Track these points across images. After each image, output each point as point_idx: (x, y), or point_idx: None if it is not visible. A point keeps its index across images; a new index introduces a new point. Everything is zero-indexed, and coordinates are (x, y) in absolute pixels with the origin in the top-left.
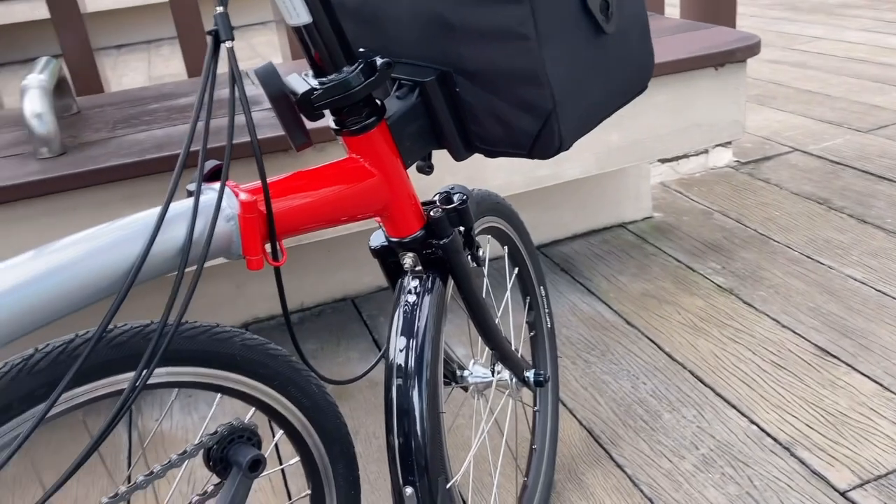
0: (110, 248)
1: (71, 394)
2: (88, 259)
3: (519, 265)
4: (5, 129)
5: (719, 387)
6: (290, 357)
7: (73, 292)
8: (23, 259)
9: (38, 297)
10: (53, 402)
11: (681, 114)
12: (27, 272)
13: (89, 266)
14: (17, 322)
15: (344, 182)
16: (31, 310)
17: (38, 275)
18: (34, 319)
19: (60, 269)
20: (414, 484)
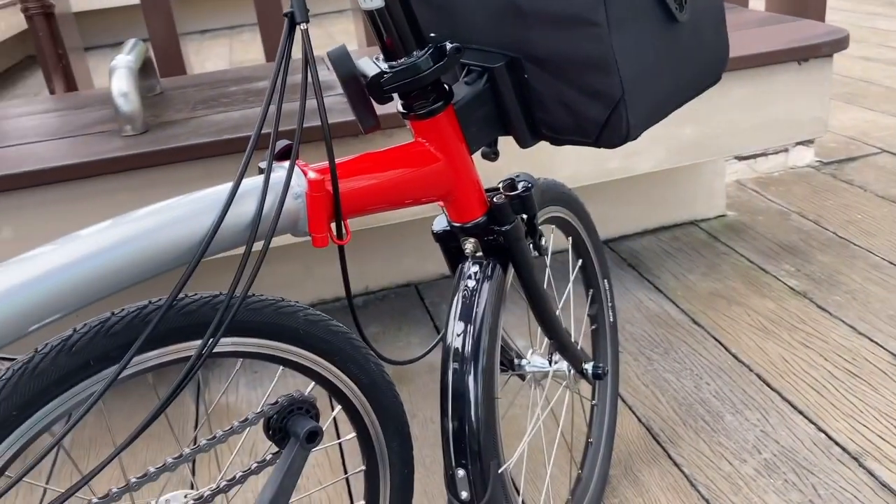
0: (183, 220)
1: (142, 357)
2: (162, 230)
3: (583, 257)
4: (94, 107)
5: (787, 392)
6: (351, 334)
7: (147, 261)
8: (101, 227)
9: (115, 263)
10: (126, 364)
11: (760, 109)
12: (105, 240)
13: (163, 236)
14: (95, 286)
15: (409, 165)
16: (107, 275)
17: (116, 242)
18: (110, 284)
19: (136, 238)
20: (466, 466)
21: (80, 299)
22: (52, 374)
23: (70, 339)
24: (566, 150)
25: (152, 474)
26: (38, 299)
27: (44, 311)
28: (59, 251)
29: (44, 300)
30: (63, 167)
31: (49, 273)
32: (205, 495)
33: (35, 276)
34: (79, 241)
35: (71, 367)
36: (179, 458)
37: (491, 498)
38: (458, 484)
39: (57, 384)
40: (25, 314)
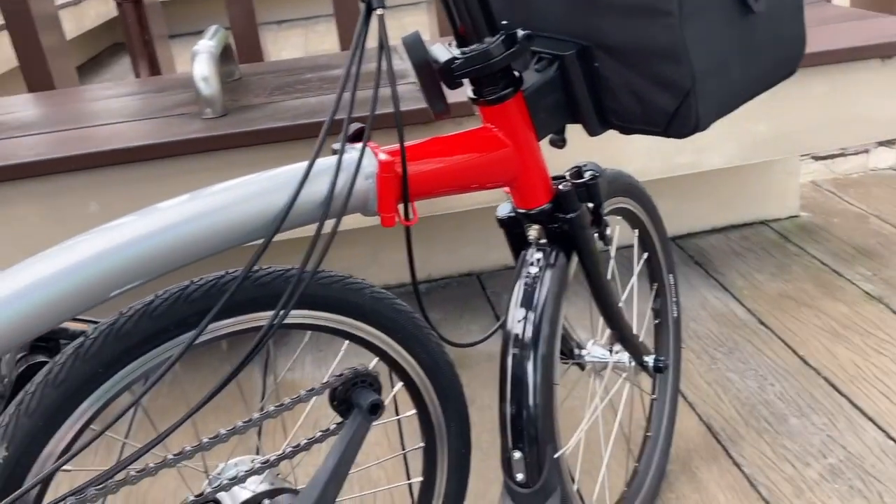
0: (259, 195)
1: (218, 324)
2: (239, 204)
3: (649, 250)
4: (176, 90)
5: (856, 397)
6: (414, 314)
7: (224, 233)
8: (182, 200)
9: (193, 234)
10: (202, 329)
11: (838, 107)
12: (185, 212)
13: (240, 211)
14: (174, 255)
15: (477, 150)
16: (185, 245)
17: (195, 214)
18: (188, 254)
19: (214, 211)
20: (522, 449)
21: (159, 268)
22: (135, 336)
23: (152, 304)
24: (636, 144)
25: (223, 436)
26: (120, 266)
27: (125, 278)
28: (140, 221)
29: (125, 267)
30: (145, 146)
31: (131, 242)
32: (270, 459)
33: (118, 245)
34: (159, 212)
35: (152, 330)
36: (249, 422)
37: (546, 481)
38: (514, 466)
39: (139, 346)
40: (108, 280)
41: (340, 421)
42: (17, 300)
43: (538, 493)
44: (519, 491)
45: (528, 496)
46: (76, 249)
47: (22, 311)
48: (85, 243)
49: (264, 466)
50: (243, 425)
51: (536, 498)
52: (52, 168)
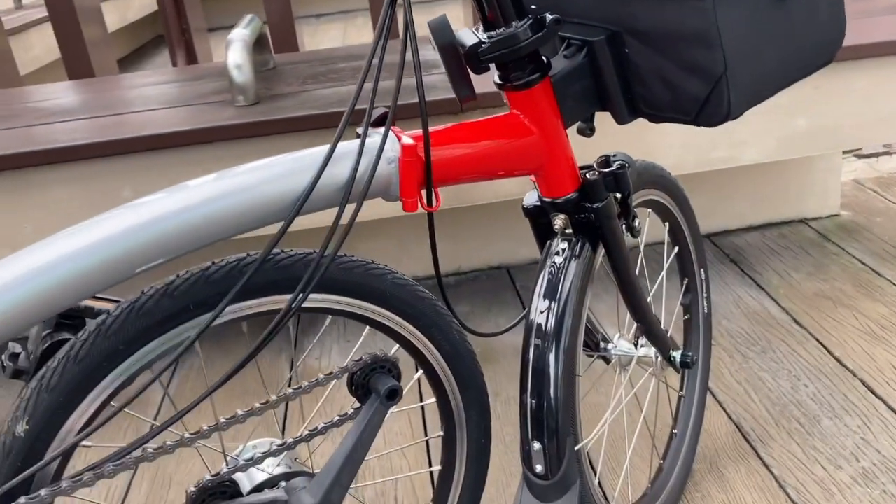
0: (282, 177)
1: (238, 306)
2: (262, 186)
3: (679, 244)
4: (211, 78)
5: (893, 400)
6: (436, 301)
7: (246, 214)
8: (206, 180)
9: (216, 214)
10: (221, 310)
11: (882, 101)
12: (208, 192)
13: (262, 192)
14: (196, 234)
15: (502, 137)
16: (208, 225)
17: (217, 195)
18: (210, 234)
19: (236, 191)
20: (542, 441)
21: (182, 246)
22: (156, 314)
23: (173, 283)
24: (670, 138)
25: (240, 416)
26: (144, 243)
27: (149, 255)
28: (164, 200)
29: (149, 244)
30: (178, 133)
31: (154, 220)
32: (288, 442)
33: (143, 222)
34: (183, 191)
35: (173, 309)
36: (266, 403)
37: (565, 473)
38: (533, 457)
39: (160, 324)
40: (133, 257)
41: (359, 406)
42: (44, 274)
43: (557, 485)
44: (537, 483)
45: (546, 488)
46: (102, 226)
47: (48, 285)
48: (110, 220)
49: (281, 449)
50: (261, 407)
51: (555, 490)
52: (88, 153)
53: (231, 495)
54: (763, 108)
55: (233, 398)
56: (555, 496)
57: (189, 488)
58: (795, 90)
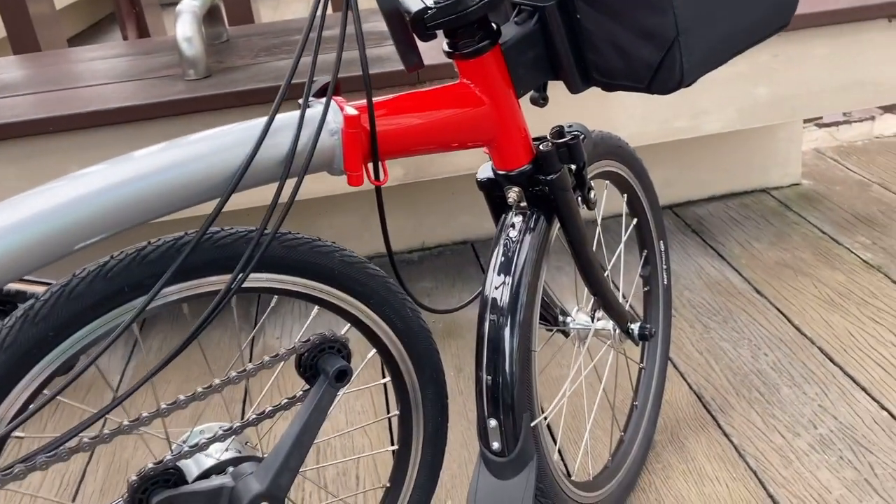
0: (220, 151)
1: (176, 287)
2: (195, 161)
3: (638, 216)
4: (162, 52)
5: (850, 367)
6: (388, 279)
7: (179, 191)
8: (135, 156)
9: (147, 191)
10: (155, 293)
11: (842, 69)
12: (139, 168)
13: (196, 168)
14: (134, 210)
15: (452, 107)
16: (144, 201)
17: (149, 171)
18: (148, 210)
19: (169, 167)
20: (498, 417)
21: (123, 221)
22: (88, 298)
23: (107, 265)
24: (631, 108)
25: (181, 402)
26: (80, 219)
27: (90, 230)
28: (105, 172)
29: (86, 220)
30: (126, 108)
31: (96, 192)
32: (234, 427)
33: (82, 195)
34: (123, 164)
35: (106, 292)
36: (209, 388)
37: (521, 450)
38: (489, 434)
39: (93, 308)
40: (71, 232)
41: (308, 388)
42: None
43: (514, 461)
44: (494, 460)
45: (503, 465)
46: (40, 198)
47: None
48: (48, 193)
49: (227, 434)
50: (203, 391)
51: (512, 467)
52: (32, 129)
53: (175, 483)
54: (723, 77)
55: (189, 381)
56: (512, 473)
57: (130, 477)
58: (755, 58)
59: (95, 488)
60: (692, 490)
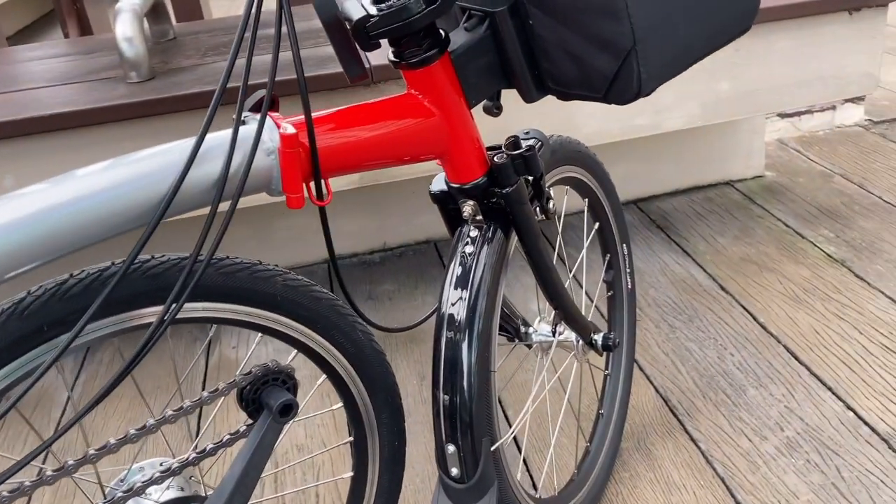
0: (144, 176)
1: (103, 322)
2: (120, 187)
3: (600, 220)
4: (105, 52)
5: (816, 366)
6: (336, 301)
7: (104, 219)
8: (53, 183)
9: (67, 221)
10: (79, 331)
11: (804, 63)
12: (57, 196)
13: (120, 194)
14: (52, 242)
15: (399, 119)
16: (58, 233)
17: (69, 199)
18: (62, 243)
19: (91, 195)
20: (456, 442)
21: (34, 256)
22: (2, 339)
23: (23, 301)
24: (592, 106)
25: (112, 446)
26: (9, 245)
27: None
28: (15, 201)
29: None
30: (64, 114)
31: (16, 221)
32: (172, 467)
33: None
34: (34, 194)
35: (23, 331)
36: (143, 429)
37: (482, 476)
38: (448, 460)
39: (8, 350)
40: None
41: (251, 423)
42: None
43: (473, 488)
44: (453, 486)
45: (462, 492)
46: None
47: None
48: None
49: (165, 475)
50: (136, 433)
51: (472, 494)
52: None
53: None
54: (685, 73)
55: (133, 413)
56: (471, 500)
57: None
58: (717, 53)
59: None
60: (659, 499)
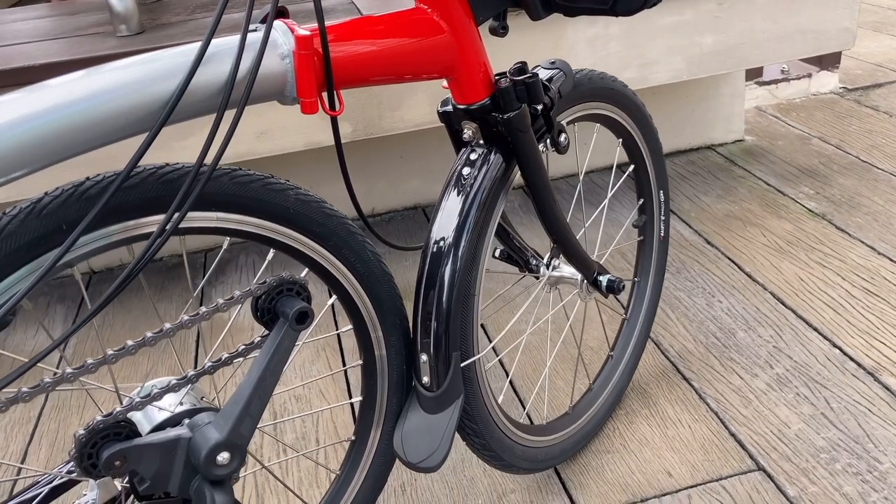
0: (156, 78)
1: (118, 227)
2: (123, 90)
3: (636, 162)
4: (90, 12)
5: (802, 309)
6: (347, 219)
7: (104, 123)
8: (59, 82)
9: (68, 123)
10: (82, 230)
11: (784, 18)
12: (58, 97)
13: (124, 97)
14: (58, 143)
15: (409, 34)
16: (58, 135)
17: (73, 99)
18: (67, 144)
19: (96, 94)
20: (428, 352)
21: (37, 158)
22: (22, 237)
23: (41, 201)
24: (581, 58)
25: (129, 348)
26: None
27: (6, 166)
28: (13, 104)
29: (6, 152)
30: (52, 64)
31: (12, 124)
32: (188, 376)
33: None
34: (35, 93)
35: (42, 231)
36: (159, 332)
37: (449, 387)
38: (420, 368)
39: (27, 248)
40: None
41: (266, 333)
42: None
43: (440, 397)
44: (423, 393)
45: (430, 399)
46: None
47: None
48: None
49: (181, 384)
50: (153, 336)
51: (438, 402)
52: None
53: (127, 436)
54: (670, 27)
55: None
56: (437, 408)
57: (78, 432)
58: (700, 6)
59: (41, 457)
60: (656, 433)
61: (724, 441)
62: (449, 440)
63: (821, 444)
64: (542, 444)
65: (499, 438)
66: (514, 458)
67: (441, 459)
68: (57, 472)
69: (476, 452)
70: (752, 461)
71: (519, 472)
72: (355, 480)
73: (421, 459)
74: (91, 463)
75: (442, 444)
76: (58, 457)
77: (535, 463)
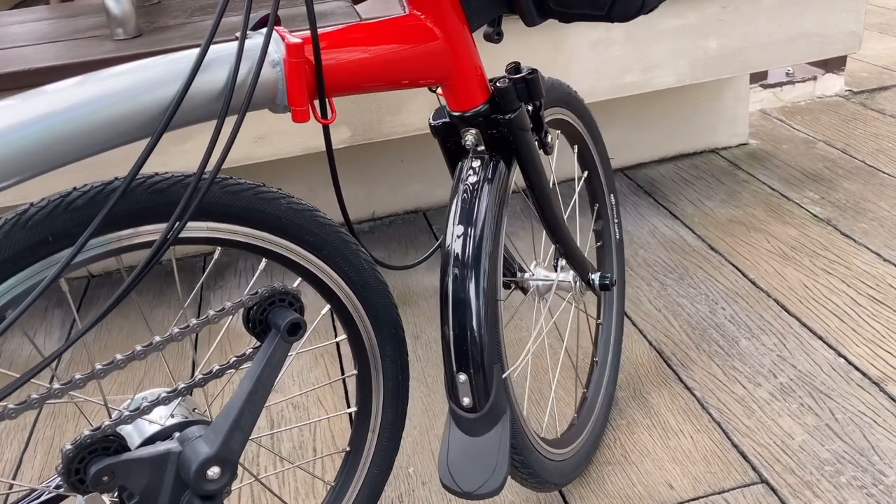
0: (153, 85)
1: (106, 238)
2: (120, 96)
3: (589, 168)
4: (87, 15)
5: (806, 317)
6: (340, 228)
7: (102, 130)
8: (57, 88)
9: (65, 129)
10: (82, 245)
11: (789, 21)
12: (55, 103)
13: (122, 103)
14: (53, 150)
15: (402, 40)
16: (60, 140)
17: (72, 105)
18: (64, 151)
19: (90, 102)
20: (468, 371)
21: (32, 165)
22: (6, 249)
23: (26, 213)
24: (583, 62)
25: (118, 361)
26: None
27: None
28: (9, 110)
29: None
30: (50, 68)
31: (8, 130)
32: (179, 388)
33: None
34: (32, 99)
35: (27, 243)
36: (149, 346)
37: (494, 403)
38: (459, 390)
39: (12, 261)
40: None
41: (257, 345)
42: None
43: (486, 416)
44: (466, 416)
45: (475, 421)
46: None
47: None
48: None
49: (171, 396)
50: (143, 350)
51: (484, 422)
52: None
53: (115, 451)
54: (673, 30)
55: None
56: (485, 429)
57: (65, 446)
58: (704, 9)
59: (34, 475)
60: (657, 444)
61: (726, 452)
62: (506, 459)
63: (825, 456)
64: (563, 456)
65: (534, 456)
66: (547, 474)
67: (501, 482)
68: (44, 487)
69: (513, 471)
70: (755, 473)
71: (551, 488)
72: (350, 491)
73: (478, 487)
74: (79, 478)
75: (499, 466)
76: (53, 465)
77: (563, 477)
